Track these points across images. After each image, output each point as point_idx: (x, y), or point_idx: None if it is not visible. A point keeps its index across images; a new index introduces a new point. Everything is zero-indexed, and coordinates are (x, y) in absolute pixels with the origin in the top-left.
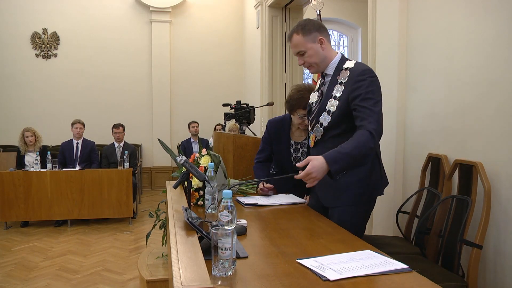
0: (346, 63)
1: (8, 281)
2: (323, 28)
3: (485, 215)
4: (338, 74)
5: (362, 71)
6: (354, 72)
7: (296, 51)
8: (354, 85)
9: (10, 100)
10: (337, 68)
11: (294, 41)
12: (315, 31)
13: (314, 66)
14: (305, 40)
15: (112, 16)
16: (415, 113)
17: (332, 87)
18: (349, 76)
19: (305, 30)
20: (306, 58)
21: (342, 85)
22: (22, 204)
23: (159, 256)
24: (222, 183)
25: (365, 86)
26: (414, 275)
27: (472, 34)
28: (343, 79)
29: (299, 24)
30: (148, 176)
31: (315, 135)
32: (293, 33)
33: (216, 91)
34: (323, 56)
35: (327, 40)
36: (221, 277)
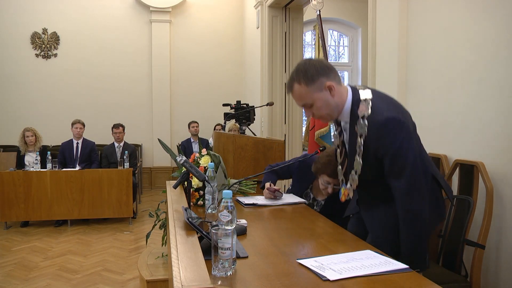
0: (360, 106)
1: (8, 281)
2: (328, 68)
3: (488, 215)
4: (355, 123)
5: (381, 125)
6: (374, 124)
7: (300, 104)
8: (377, 142)
9: (10, 100)
10: (352, 114)
11: (296, 93)
12: (320, 77)
13: (325, 117)
14: (309, 90)
15: (112, 16)
16: (415, 113)
17: (354, 140)
18: (369, 128)
19: (308, 77)
20: (314, 110)
21: (363, 139)
22: (22, 204)
23: (159, 256)
24: (222, 183)
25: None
26: (414, 275)
27: (472, 34)
28: (362, 130)
29: (299, 70)
30: (148, 176)
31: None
32: (293, 82)
33: (216, 91)
34: (334, 105)
35: (336, 82)
36: (221, 277)
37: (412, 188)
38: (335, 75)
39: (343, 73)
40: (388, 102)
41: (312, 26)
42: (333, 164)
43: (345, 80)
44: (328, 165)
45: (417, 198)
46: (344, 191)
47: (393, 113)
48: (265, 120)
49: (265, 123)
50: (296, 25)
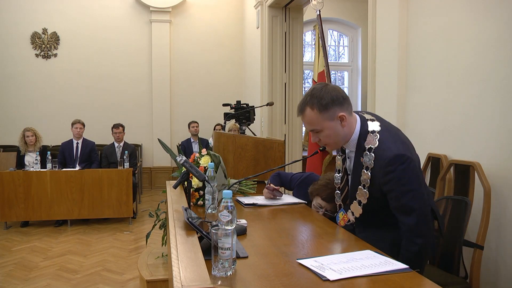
0: (367, 138)
1: (8, 281)
2: (343, 98)
3: (486, 215)
4: (361, 155)
5: (389, 161)
6: (381, 159)
7: (309, 129)
8: (384, 178)
9: (10, 100)
10: (358, 145)
11: (307, 117)
12: (334, 106)
13: (331, 146)
14: (321, 117)
15: (112, 16)
16: (415, 113)
17: (358, 170)
18: (375, 162)
19: (321, 104)
20: (322, 137)
21: (369, 172)
22: (22, 204)
23: (159, 256)
24: (222, 183)
25: (398, 179)
26: (414, 275)
27: (472, 34)
28: (368, 163)
29: (313, 95)
30: (148, 176)
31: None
32: (305, 106)
33: (216, 91)
34: (343, 135)
35: (348, 112)
36: (221, 277)
37: (421, 223)
38: (348, 105)
39: (343, 73)
40: (396, 136)
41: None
42: (330, 188)
43: (345, 80)
44: (325, 188)
45: (426, 233)
46: (343, 216)
47: (401, 150)
48: (265, 120)
49: (265, 123)
50: (296, 25)
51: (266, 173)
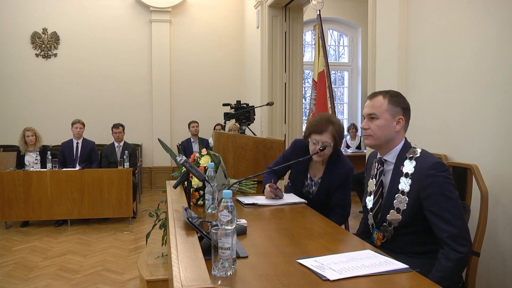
0: (409, 151)
1: (8, 281)
2: (409, 111)
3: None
4: (402, 164)
5: (432, 165)
6: (423, 164)
7: (369, 112)
8: (424, 181)
9: (10, 100)
10: (400, 156)
11: (375, 101)
12: (401, 108)
13: (374, 139)
14: (386, 107)
15: (112, 16)
16: (415, 113)
17: (396, 179)
18: (416, 168)
19: (394, 99)
20: (373, 125)
21: (409, 178)
22: (22, 204)
23: (159, 256)
24: (222, 183)
25: (438, 184)
26: (414, 275)
27: (473, 34)
28: (409, 170)
29: (390, 91)
30: (148, 176)
31: (383, 234)
32: (380, 93)
33: (216, 91)
34: (390, 136)
35: (404, 123)
36: (221, 277)
37: (464, 231)
38: (408, 119)
39: (343, 73)
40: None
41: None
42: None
43: (345, 80)
44: (316, 124)
45: (468, 243)
46: (378, 235)
47: (442, 161)
48: (265, 120)
49: (265, 123)
50: (296, 25)
51: (266, 173)
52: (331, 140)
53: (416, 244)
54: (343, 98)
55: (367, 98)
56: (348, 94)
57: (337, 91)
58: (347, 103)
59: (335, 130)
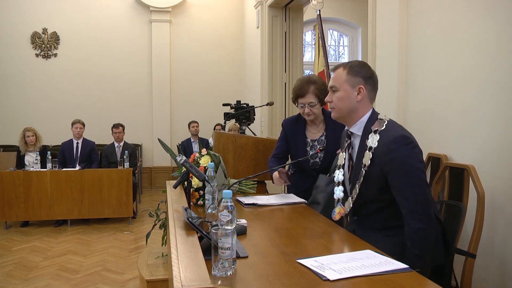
0: (375, 123)
1: (8, 280)
2: (372, 80)
3: (479, 222)
4: (367, 137)
5: (394, 139)
6: (385, 139)
7: (330, 85)
8: (386, 157)
9: (10, 100)
10: (365, 129)
11: (335, 74)
12: (360, 77)
13: (336, 111)
14: (345, 78)
15: (112, 16)
16: (415, 113)
17: (362, 153)
18: (379, 142)
19: (352, 70)
20: (335, 98)
21: (371, 152)
22: (22, 204)
23: (159, 256)
24: (222, 183)
25: (400, 159)
26: (414, 275)
27: (472, 34)
28: (372, 144)
29: (351, 62)
30: (148, 176)
31: (345, 208)
32: (340, 66)
33: (216, 91)
34: (353, 107)
35: (367, 93)
36: (221, 277)
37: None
38: (372, 88)
39: None
40: (403, 128)
41: (312, 26)
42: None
43: None
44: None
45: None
46: (340, 209)
47: (407, 133)
48: (265, 120)
49: (265, 123)
50: (296, 25)
51: (266, 173)
52: (315, 99)
53: (391, 219)
54: None
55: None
56: None
57: None
58: None
59: (316, 89)
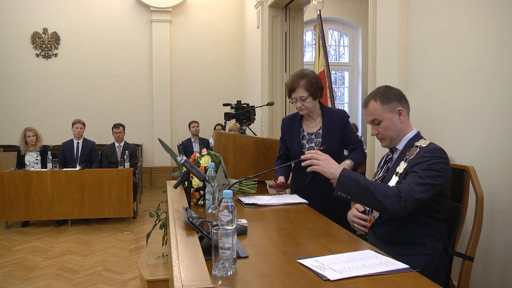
0: (420, 141)
1: (8, 280)
2: (403, 98)
3: (477, 224)
4: (408, 150)
5: (431, 149)
6: (423, 149)
7: (370, 119)
8: (416, 160)
9: (10, 100)
10: (408, 144)
11: (370, 109)
12: (394, 101)
13: (387, 140)
14: (382, 109)
15: (113, 16)
16: (415, 113)
17: (398, 164)
18: (417, 153)
19: (384, 98)
20: (381, 129)
21: (407, 162)
22: (22, 204)
23: (159, 256)
24: (222, 183)
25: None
26: (415, 275)
27: (473, 34)
28: (410, 156)
29: (378, 91)
30: (149, 176)
31: (374, 215)
32: (370, 99)
33: (216, 91)
34: (399, 129)
35: (406, 112)
36: (221, 276)
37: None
38: (407, 105)
39: (344, 73)
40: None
41: (313, 26)
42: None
43: (345, 80)
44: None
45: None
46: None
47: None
48: (265, 120)
49: (265, 123)
50: (296, 25)
51: (266, 173)
52: (305, 93)
53: (399, 233)
54: (343, 98)
55: (362, 108)
56: (349, 94)
57: (337, 91)
58: (348, 103)
59: (307, 82)
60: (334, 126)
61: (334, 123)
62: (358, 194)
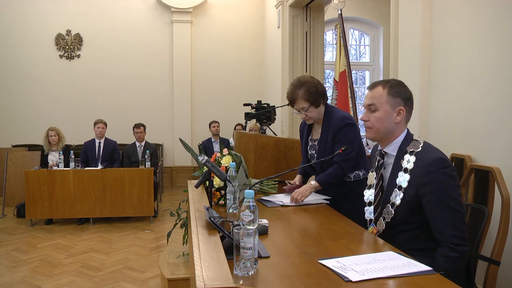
0: (411, 144)
1: (34, 276)
2: (410, 101)
3: (503, 227)
4: (402, 157)
5: (432, 161)
6: (423, 160)
7: (368, 103)
8: (423, 179)
9: (34, 100)
10: (400, 149)
11: (374, 92)
12: (400, 99)
13: (373, 131)
14: (385, 99)
15: (134, 17)
16: (438, 113)
17: (395, 173)
18: (416, 164)
19: (393, 90)
20: (373, 117)
21: (408, 174)
22: (46, 202)
23: (180, 255)
24: (243, 183)
25: (439, 182)
26: (438, 277)
27: (497, 33)
28: (408, 165)
29: (390, 81)
30: (169, 176)
31: (378, 228)
32: (379, 84)
33: (237, 91)
34: (391, 128)
35: (405, 115)
36: (243, 276)
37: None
38: (410, 111)
39: (364, 72)
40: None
41: (333, 26)
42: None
43: (366, 80)
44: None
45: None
46: (372, 229)
47: (445, 157)
48: (285, 120)
49: (285, 123)
50: (317, 25)
51: (287, 173)
52: (305, 103)
53: (416, 241)
54: (364, 98)
55: (367, 89)
56: None
57: (358, 91)
58: None
59: (305, 92)
60: (329, 134)
61: (330, 131)
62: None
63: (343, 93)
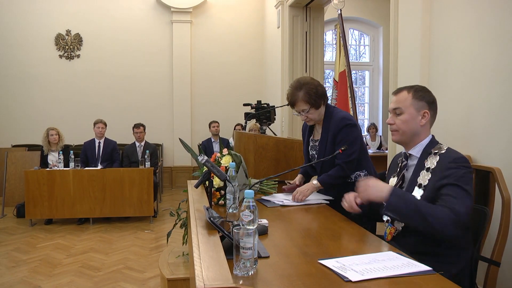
0: (436, 146)
1: (34, 276)
2: (434, 105)
3: (504, 228)
4: (426, 158)
5: (455, 159)
6: (446, 159)
7: (393, 107)
8: (444, 173)
9: (34, 100)
10: (425, 151)
11: (399, 97)
12: (425, 102)
13: (399, 134)
14: (410, 102)
15: (134, 17)
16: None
17: (417, 173)
18: (438, 162)
19: (417, 94)
20: (399, 120)
21: (430, 172)
22: (46, 202)
23: (179, 255)
24: (243, 183)
25: (457, 175)
26: (438, 277)
27: (497, 33)
28: (431, 165)
29: (414, 86)
30: (169, 176)
31: (395, 227)
32: (404, 89)
33: (237, 91)
34: (416, 131)
35: (430, 118)
36: (242, 276)
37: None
38: (434, 115)
39: (364, 72)
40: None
41: (333, 26)
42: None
43: (366, 80)
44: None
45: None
46: (390, 229)
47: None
48: (285, 120)
49: (285, 123)
50: (316, 25)
51: (287, 173)
52: (305, 105)
53: (423, 244)
54: (364, 98)
55: (392, 94)
56: (369, 94)
57: (358, 91)
58: (368, 103)
59: (305, 94)
60: (329, 135)
61: (330, 132)
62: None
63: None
